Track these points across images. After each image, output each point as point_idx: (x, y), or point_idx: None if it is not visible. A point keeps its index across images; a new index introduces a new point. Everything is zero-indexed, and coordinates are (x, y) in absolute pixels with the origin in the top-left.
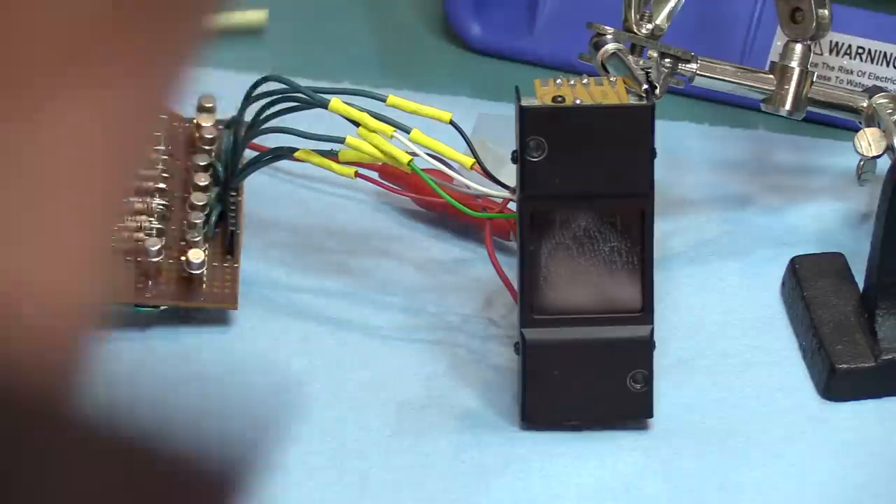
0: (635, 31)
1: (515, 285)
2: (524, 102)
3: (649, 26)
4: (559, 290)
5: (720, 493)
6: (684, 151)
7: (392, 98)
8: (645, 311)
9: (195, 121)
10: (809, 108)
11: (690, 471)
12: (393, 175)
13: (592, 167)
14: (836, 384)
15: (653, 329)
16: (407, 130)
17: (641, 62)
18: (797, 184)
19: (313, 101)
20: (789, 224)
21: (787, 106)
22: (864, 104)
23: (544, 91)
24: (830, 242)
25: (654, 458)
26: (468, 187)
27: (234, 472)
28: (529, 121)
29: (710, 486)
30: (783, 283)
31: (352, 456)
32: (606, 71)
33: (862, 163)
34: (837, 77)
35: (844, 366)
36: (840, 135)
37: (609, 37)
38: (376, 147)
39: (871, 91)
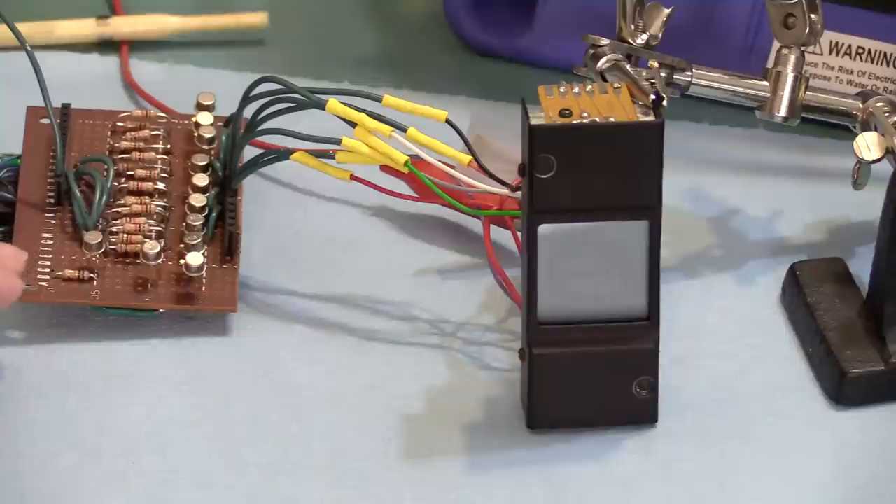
0: (630, 41)
1: (520, 291)
2: (533, 120)
3: (644, 36)
4: (565, 299)
5: (720, 494)
6: (684, 151)
7: (388, 98)
8: (651, 320)
9: (194, 118)
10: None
11: (690, 472)
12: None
13: (602, 182)
14: (847, 390)
15: (658, 337)
16: (404, 130)
17: (644, 73)
18: (797, 184)
19: (310, 101)
20: (788, 225)
21: (782, 112)
22: (859, 109)
23: (549, 102)
24: (829, 246)
25: (655, 459)
26: (468, 185)
27: None
28: (539, 139)
29: (710, 487)
30: (783, 290)
31: (351, 457)
32: (606, 81)
33: (858, 167)
34: (837, 77)
35: (855, 371)
36: (841, 135)
37: (606, 48)
38: (373, 148)
39: (865, 95)
